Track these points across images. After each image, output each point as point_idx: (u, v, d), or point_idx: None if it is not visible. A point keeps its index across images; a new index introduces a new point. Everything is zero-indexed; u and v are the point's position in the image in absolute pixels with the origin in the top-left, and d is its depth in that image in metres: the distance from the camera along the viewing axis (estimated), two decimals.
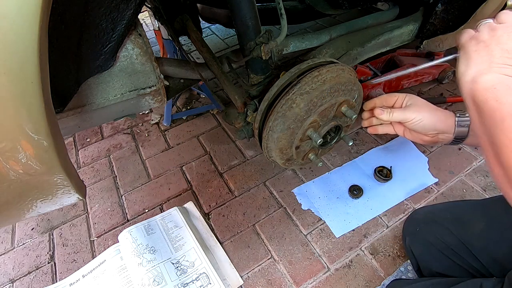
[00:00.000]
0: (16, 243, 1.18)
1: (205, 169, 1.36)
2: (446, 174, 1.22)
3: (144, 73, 0.73)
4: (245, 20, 0.71)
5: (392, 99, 0.77)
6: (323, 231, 1.10)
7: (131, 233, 1.08)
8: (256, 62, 0.78)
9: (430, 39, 1.08)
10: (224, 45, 2.15)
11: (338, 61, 0.76)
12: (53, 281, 1.07)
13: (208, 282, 0.97)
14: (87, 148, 1.53)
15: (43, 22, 0.33)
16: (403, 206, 1.14)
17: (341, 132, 0.80)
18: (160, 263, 1.00)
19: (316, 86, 0.67)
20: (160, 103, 0.81)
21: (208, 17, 1.26)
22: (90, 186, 1.35)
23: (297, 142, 0.73)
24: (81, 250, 1.14)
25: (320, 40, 0.99)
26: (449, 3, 0.98)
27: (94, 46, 0.60)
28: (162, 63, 0.89)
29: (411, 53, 1.58)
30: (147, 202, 1.26)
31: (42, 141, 0.40)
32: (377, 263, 1.01)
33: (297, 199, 1.20)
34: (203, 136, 1.51)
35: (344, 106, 0.73)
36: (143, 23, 2.37)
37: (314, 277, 0.99)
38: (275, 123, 0.70)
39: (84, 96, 0.68)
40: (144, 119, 1.65)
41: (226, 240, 1.11)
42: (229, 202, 1.22)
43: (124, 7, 0.57)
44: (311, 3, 1.11)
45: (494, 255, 0.72)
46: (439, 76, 1.58)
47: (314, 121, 0.70)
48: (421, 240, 0.86)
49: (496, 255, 0.71)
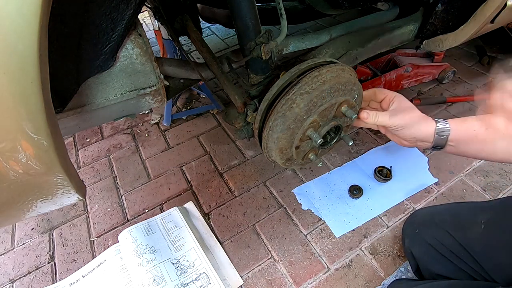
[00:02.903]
0: (16, 243, 1.18)
1: (205, 169, 1.36)
2: (446, 174, 1.22)
3: (144, 73, 0.73)
4: (245, 20, 0.71)
5: (381, 95, 0.77)
6: (323, 231, 1.10)
7: (131, 233, 1.08)
8: (256, 62, 0.78)
9: (430, 39, 1.08)
10: (224, 45, 2.15)
11: (338, 61, 0.76)
12: (53, 281, 1.07)
13: (208, 282, 0.97)
14: (87, 148, 1.53)
15: (43, 22, 0.33)
16: (403, 206, 1.14)
17: (341, 132, 0.80)
18: (160, 263, 1.00)
19: (316, 86, 0.67)
20: (160, 103, 0.81)
21: (208, 17, 1.26)
22: (90, 186, 1.35)
23: (297, 142, 0.73)
24: (81, 250, 1.14)
25: (320, 40, 0.99)
26: (449, 3, 0.98)
27: (94, 46, 0.60)
28: (162, 63, 0.89)
29: (411, 53, 1.58)
30: (147, 202, 1.26)
31: (42, 141, 0.40)
32: (377, 263, 1.01)
33: (297, 199, 1.20)
34: (203, 136, 1.51)
35: (344, 106, 0.73)
36: (143, 23, 2.37)
37: (314, 277, 0.99)
38: (275, 123, 0.70)
39: (84, 96, 0.68)
40: (144, 119, 1.65)
41: (226, 240, 1.11)
42: (229, 202, 1.22)
43: (124, 7, 0.57)
44: (311, 3, 1.11)
45: (495, 260, 0.71)
46: (439, 76, 1.58)
47: (314, 121, 0.70)
48: (421, 242, 0.86)
49: (497, 260, 0.71)
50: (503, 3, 0.86)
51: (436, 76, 1.58)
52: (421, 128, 0.71)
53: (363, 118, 0.73)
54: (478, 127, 0.66)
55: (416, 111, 0.72)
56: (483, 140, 0.66)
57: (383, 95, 0.77)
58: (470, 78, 1.63)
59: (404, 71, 1.48)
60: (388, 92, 0.76)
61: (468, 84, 1.60)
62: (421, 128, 0.70)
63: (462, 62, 1.73)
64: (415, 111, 0.73)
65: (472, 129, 0.67)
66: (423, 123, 0.71)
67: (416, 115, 0.72)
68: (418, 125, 0.71)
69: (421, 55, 1.59)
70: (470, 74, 1.65)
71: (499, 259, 0.71)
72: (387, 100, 0.76)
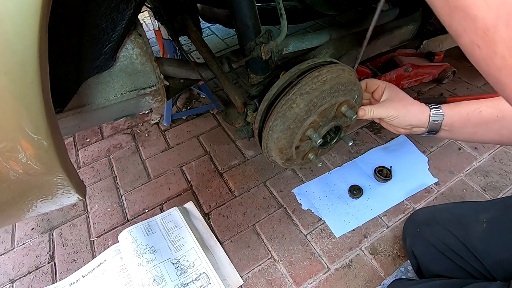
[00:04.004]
0: (16, 243, 1.18)
1: (205, 169, 1.36)
2: (446, 174, 1.22)
3: (144, 73, 0.73)
4: (245, 20, 0.71)
5: (373, 86, 0.78)
6: (323, 231, 1.10)
7: (131, 233, 1.08)
8: (256, 62, 0.78)
9: (430, 39, 1.08)
10: (224, 45, 2.15)
11: (338, 61, 0.76)
12: (53, 281, 1.07)
13: (208, 282, 0.97)
14: (87, 148, 1.53)
15: (43, 22, 0.33)
16: (403, 206, 1.14)
17: (341, 132, 0.80)
18: (160, 263, 1.00)
19: (316, 86, 0.67)
20: (160, 103, 0.81)
21: (208, 17, 1.26)
22: (90, 186, 1.35)
23: (297, 142, 0.73)
24: (81, 250, 1.14)
25: (320, 40, 0.99)
26: None
27: (94, 46, 0.60)
28: (162, 63, 0.89)
29: (411, 53, 1.58)
30: (147, 202, 1.26)
31: (42, 141, 0.40)
32: (377, 263, 1.01)
33: (297, 199, 1.20)
34: (203, 136, 1.51)
35: (344, 106, 0.73)
36: (143, 23, 2.37)
37: (314, 277, 0.99)
38: (275, 123, 0.70)
39: (84, 96, 0.68)
40: (144, 119, 1.65)
41: (226, 240, 1.11)
42: (229, 202, 1.22)
43: (124, 7, 0.57)
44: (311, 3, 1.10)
45: (496, 258, 0.71)
46: (439, 76, 1.58)
47: (314, 121, 0.70)
48: (422, 241, 0.86)
49: (498, 258, 0.71)
50: None
51: (436, 76, 1.58)
52: (415, 115, 0.72)
53: (361, 116, 0.74)
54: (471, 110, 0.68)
55: (408, 99, 0.74)
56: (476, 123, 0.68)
57: (374, 86, 0.78)
58: (470, 78, 1.63)
59: (404, 71, 1.48)
60: (379, 82, 0.77)
61: (468, 84, 1.60)
62: (415, 115, 0.72)
63: (462, 62, 1.73)
64: (407, 98, 0.74)
65: (465, 113, 0.69)
66: (417, 110, 0.72)
67: (408, 102, 0.73)
68: (412, 113, 0.72)
69: (421, 55, 1.59)
70: (470, 74, 1.65)
71: (501, 257, 0.71)
72: (379, 90, 0.77)
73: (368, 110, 0.73)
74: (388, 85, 0.76)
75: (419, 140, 1.35)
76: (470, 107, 0.69)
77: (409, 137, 1.36)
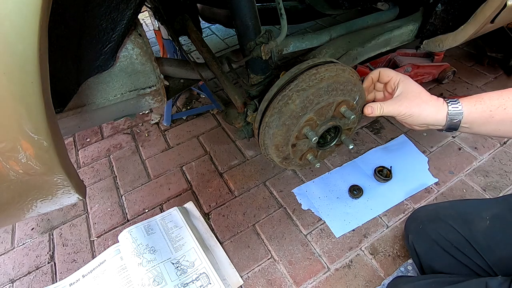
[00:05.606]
0: (16, 243, 1.18)
1: (205, 169, 1.36)
2: (446, 174, 1.22)
3: (144, 73, 0.73)
4: (245, 20, 0.71)
5: (385, 77, 0.73)
6: (323, 231, 1.10)
7: (131, 233, 1.08)
8: (256, 62, 0.78)
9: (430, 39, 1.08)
10: (224, 45, 2.15)
11: (338, 61, 0.76)
12: (53, 281, 1.07)
13: (208, 282, 0.97)
14: (87, 148, 1.53)
15: (43, 22, 0.33)
16: (403, 206, 1.14)
17: (341, 134, 0.79)
18: (160, 263, 1.00)
19: (313, 84, 0.67)
20: (160, 103, 0.81)
21: (208, 17, 1.26)
22: (90, 186, 1.35)
23: (293, 139, 0.73)
24: (81, 250, 1.14)
25: (320, 40, 0.99)
26: (449, 3, 0.98)
27: (94, 46, 0.60)
28: (162, 63, 0.89)
29: (411, 53, 1.58)
30: (147, 202, 1.26)
31: (42, 141, 0.40)
32: (377, 263, 1.01)
33: (297, 199, 1.20)
34: (203, 136, 1.51)
35: (343, 106, 0.73)
36: (143, 23, 2.37)
37: (314, 277, 0.99)
38: (271, 119, 0.70)
39: (84, 96, 0.68)
40: (144, 119, 1.65)
41: (226, 240, 1.11)
42: (229, 202, 1.22)
43: (124, 7, 0.57)
44: (311, 3, 1.10)
45: (499, 255, 0.71)
46: (439, 76, 1.58)
47: (310, 119, 0.70)
48: (424, 237, 0.86)
49: (501, 255, 0.71)
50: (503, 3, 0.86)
51: (436, 76, 1.58)
52: (430, 114, 0.66)
53: (368, 114, 0.70)
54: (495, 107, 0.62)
55: (424, 95, 0.68)
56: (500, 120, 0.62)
57: (387, 78, 0.72)
58: (470, 78, 1.63)
59: (404, 71, 1.48)
60: (393, 74, 0.71)
61: (468, 84, 1.60)
62: (430, 115, 0.66)
63: (462, 62, 1.73)
64: (423, 95, 0.68)
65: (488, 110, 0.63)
66: (433, 108, 0.66)
67: (423, 99, 0.67)
68: (426, 112, 0.66)
69: (421, 55, 1.59)
70: (470, 74, 1.65)
71: (503, 253, 0.71)
72: (392, 83, 0.72)
73: (376, 107, 0.69)
74: (402, 78, 0.70)
75: (419, 140, 1.35)
76: (494, 103, 0.62)
77: (409, 137, 1.36)
